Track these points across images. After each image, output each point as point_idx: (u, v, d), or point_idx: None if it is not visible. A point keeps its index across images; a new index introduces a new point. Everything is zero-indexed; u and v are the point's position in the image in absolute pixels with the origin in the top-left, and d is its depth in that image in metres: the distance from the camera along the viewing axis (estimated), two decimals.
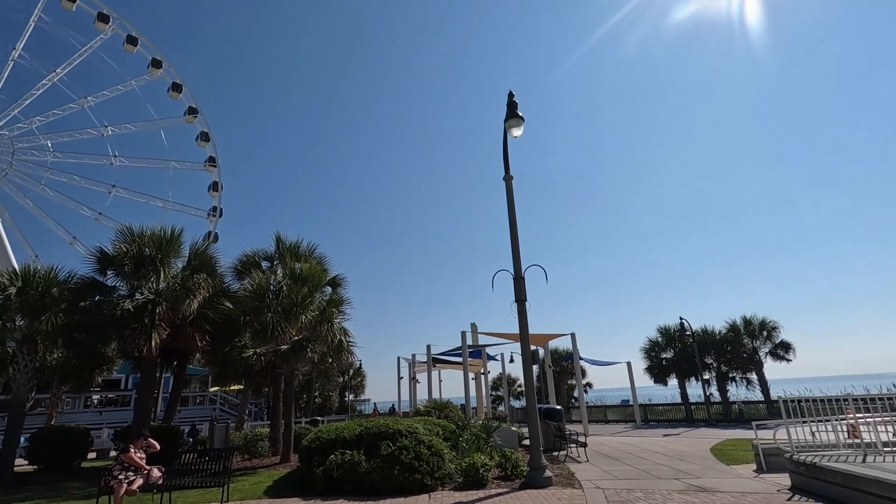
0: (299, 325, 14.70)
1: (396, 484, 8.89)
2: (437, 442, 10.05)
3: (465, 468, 9.59)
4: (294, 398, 15.71)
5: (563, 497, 8.27)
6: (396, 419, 10.80)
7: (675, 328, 31.51)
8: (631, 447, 15.82)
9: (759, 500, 7.72)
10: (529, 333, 25.07)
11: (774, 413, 26.76)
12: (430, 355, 29.29)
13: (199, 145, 46.56)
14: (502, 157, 11.61)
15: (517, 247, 10.97)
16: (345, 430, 10.29)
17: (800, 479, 8.46)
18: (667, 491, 8.50)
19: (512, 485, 9.49)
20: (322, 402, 42.84)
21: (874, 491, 6.72)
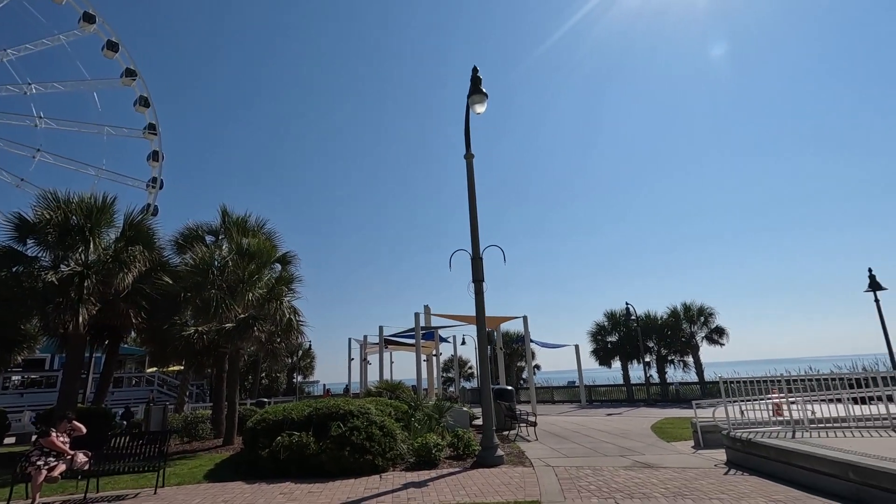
0: (246, 302, 13.99)
1: (347, 465, 8.65)
2: (390, 422, 9.87)
3: (417, 448, 9.47)
4: (239, 379, 15.04)
5: (514, 475, 8.31)
6: (348, 400, 10.51)
7: (620, 313, 32.75)
8: (577, 426, 16.31)
9: (698, 474, 8.06)
10: None
11: (708, 393, 28.52)
12: (382, 336, 29.03)
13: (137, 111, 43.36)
14: (464, 135, 11.36)
15: (476, 227, 10.82)
16: (293, 410, 9.90)
17: (735, 454, 8.92)
18: (614, 468, 8.73)
19: (464, 464, 9.48)
20: (269, 384, 41.73)
21: (803, 464, 7.14)
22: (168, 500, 7.46)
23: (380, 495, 7.14)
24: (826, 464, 6.67)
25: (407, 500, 6.86)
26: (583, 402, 29.19)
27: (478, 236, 10.78)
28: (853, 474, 6.20)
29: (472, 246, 10.78)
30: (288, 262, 17.44)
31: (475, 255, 10.68)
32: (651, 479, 7.66)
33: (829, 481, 6.59)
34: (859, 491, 6.09)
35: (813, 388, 9.96)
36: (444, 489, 7.42)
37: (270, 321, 14.28)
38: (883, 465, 5.94)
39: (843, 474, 6.36)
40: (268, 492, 7.64)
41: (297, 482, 8.21)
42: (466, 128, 11.21)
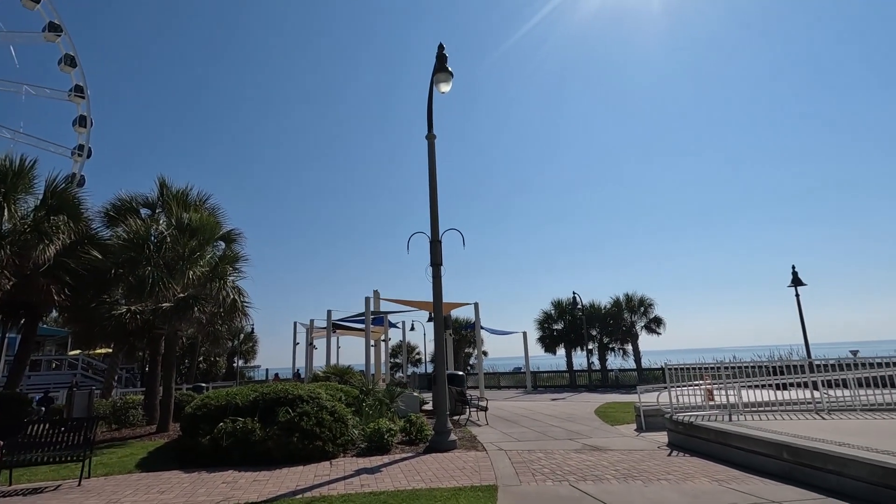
0: (186, 281, 13.08)
1: (295, 451, 8.28)
2: (341, 408, 9.56)
3: (369, 434, 9.24)
4: (175, 362, 14.11)
5: (468, 459, 8.28)
6: (297, 384, 10.09)
7: (567, 302, 33.73)
8: (525, 411, 16.64)
9: (644, 456, 8.36)
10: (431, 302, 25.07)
11: (644, 379, 30.05)
12: (330, 320, 28.40)
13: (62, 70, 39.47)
14: (426, 115, 11.04)
15: (436, 209, 10.59)
16: (237, 395, 9.37)
17: (677, 437, 9.34)
18: (565, 451, 8.90)
19: (417, 449, 9.35)
20: (207, 368, 39.83)
21: (741, 445, 7.55)
22: (95, 492, 6.82)
23: (332, 482, 6.87)
24: (762, 445, 7.08)
25: (360, 486, 6.64)
26: (528, 387, 29.94)
27: (437, 219, 10.57)
28: (787, 454, 6.60)
29: (431, 229, 10.56)
30: (233, 241, 16.49)
31: (434, 238, 10.47)
32: (601, 462, 7.85)
33: (765, 461, 6.99)
34: (792, 470, 6.50)
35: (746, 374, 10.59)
36: (399, 475, 7.26)
37: (213, 302, 13.46)
38: (813, 446, 6.35)
39: (778, 454, 6.76)
40: (209, 481, 7.16)
41: (242, 470, 7.77)
42: (429, 107, 10.90)
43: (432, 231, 10.53)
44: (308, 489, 6.52)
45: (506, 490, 6.25)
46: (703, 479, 6.61)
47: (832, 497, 5.62)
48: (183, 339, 16.02)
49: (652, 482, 6.50)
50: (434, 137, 10.95)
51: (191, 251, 13.33)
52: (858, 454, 5.75)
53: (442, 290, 10.31)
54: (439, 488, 6.36)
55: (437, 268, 10.35)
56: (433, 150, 10.88)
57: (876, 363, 9.68)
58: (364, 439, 9.36)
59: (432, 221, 10.56)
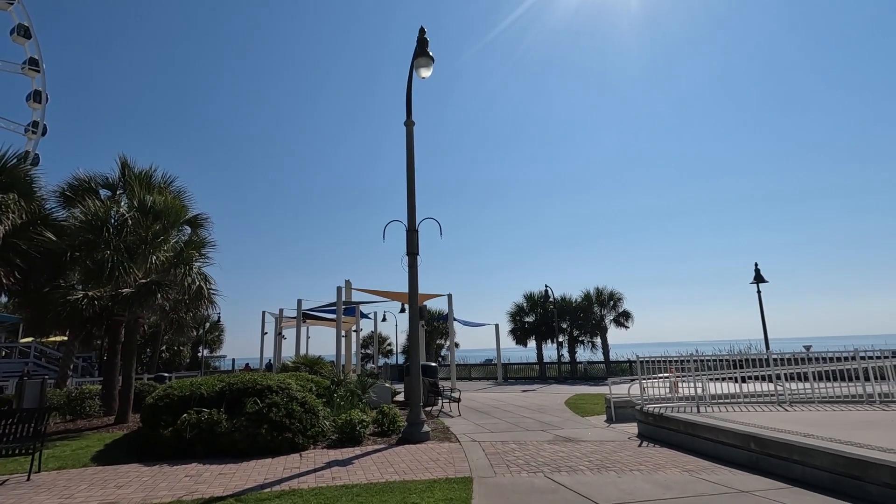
0: (148, 266, 12.49)
1: (264, 444, 8.01)
2: (311, 398, 9.32)
3: (341, 425, 9.04)
4: (136, 351, 13.50)
5: (442, 451, 8.20)
6: (266, 374, 9.78)
7: (538, 295, 34.07)
8: (497, 402, 16.72)
9: (615, 447, 8.46)
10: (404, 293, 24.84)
11: (612, 372, 30.72)
12: (300, 310, 27.87)
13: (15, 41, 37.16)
14: (405, 101, 10.79)
15: (413, 198, 10.40)
16: (202, 385, 9.01)
17: (647, 428, 9.50)
18: (538, 442, 8.92)
19: (389, 440, 9.21)
20: (170, 358, 38.57)
21: (709, 436, 7.71)
22: (46, 487, 6.41)
23: (302, 475, 6.66)
24: (730, 435, 7.24)
25: (332, 479, 6.45)
26: (499, 379, 30.19)
27: (414, 208, 10.37)
28: (754, 445, 6.76)
29: (408, 218, 10.36)
30: (199, 225, 15.87)
31: (411, 227, 10.28)
32: (574, 453, 7.89)
33: (733, 451, 7.15)
34: (759, 460, 6.66)
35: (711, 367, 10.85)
36: (371, 467, 7.11)
37: (177, 288, 12.92)
38: (779, 436, 6.52)
39: (745, 445, 6.92)
40: (171, 474, 6.84)
41: (206, 463, 7.46)
42: (408, 93, 10.65)
43: (409, 220, 10.33)
44: (276, 483, 6.29)
45: (481, 482, 6.19)
46: (674, 470, 6.70)
47: (797, 486, 5.77)
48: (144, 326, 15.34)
49: (625, 473, 6.55)
50: (413, 124, 10.72)
51: (154, 235, 12.72)
52: (822, 444, 5.93)
53: (418, 279, 10.14)
54: (413, 481, 6.24)
55: (414, 257, 10.18)
56: (412, 137, 10.65)
57: (832, 357, 10.05)
58: (335, 431, 9.16)
59: (409, 210, 10.36)
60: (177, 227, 14.43)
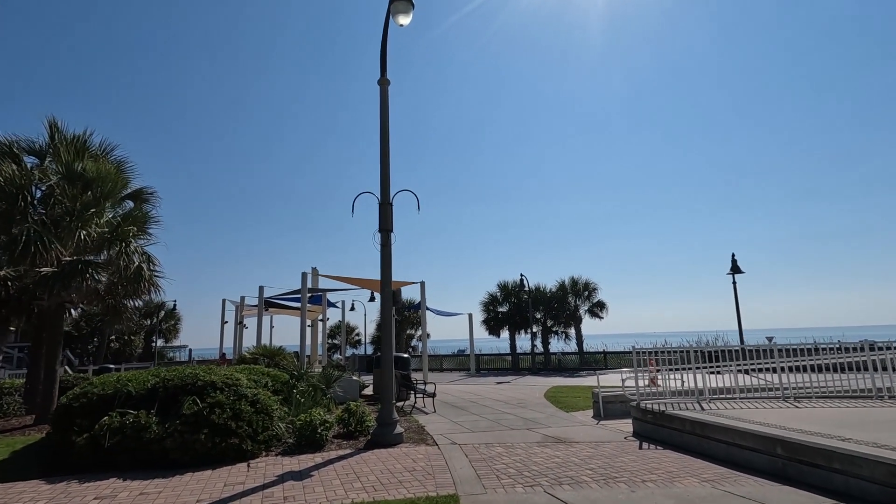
0: (76, 242, 10.74)
1: (203, 452, 6.65)
2: (265, 396, 7.96)
3: (299, 427, 7.74)
4: (62, 340, 11.71)
5: (418, 457, 7.03)
6: (211, 368, 8.35)
7: (513, 284, 33.27)
8: (473, 395, 15.69)
9: (613, 449, 7.49)
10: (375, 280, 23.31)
11: (585, 363, 30.28)
12: (262, 297, 26.13)
13: None
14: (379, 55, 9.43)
15: (387, 167, 9.09)
16: (130, 381, 7.53)
17: (644, 426, 8.58)
18: (526, 444, 7.87)
19: (357, 444, 7.99)
20: (120, 348, 35.99)
21: (722, 438, 6.80)
22: None
23: (245, 494, 5.36)
24: (749, 438, 6.34)
25: (283, 498, 5.19)
26: (472, 370, 29.28)
27: (388, 178, 9.08)
28: (781, 449, 5.87)
29: (381, 190, 9.06)
30: (144, 200, 14.05)
31: (384, 200, 8.98)
32: (571, 458, 6.86)
33: (752, 456, 6.26)
34: (787, 467, 5.77)
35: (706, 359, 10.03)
36: (334, 480, 5.87)
37: (112, 269, 11.24)
38: (813, 441, 5.64)
39: (769, 449, 6.03)
40: (76, 495, 5.42)
41: (127, 479, 6.05)
42: (383, 44, 9.29)
43: (382, 192, 9.03)
44: None
45: (469, 500, 5.05)
46: (691, 480, 5.74)
47: (843, 501, 4.88)
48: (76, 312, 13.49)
49: (637, 485, 5.54)
50: (388, 83, 9.38)
51: (83, 206, 10.97)
52: (870, 452, 5.05)
53: (391, 259, 8.89)
54: (386, 501, 5.05)
55: (387, 234, 8.90)
56: (386, 97, 9.32)
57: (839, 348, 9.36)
58: (293, 434, 7.86)
59: (382, 181, 9.06)
60: (114, 200, 12.67)
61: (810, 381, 9.22)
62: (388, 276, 8.78)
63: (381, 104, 9.27)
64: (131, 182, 13.70)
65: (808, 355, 9.55)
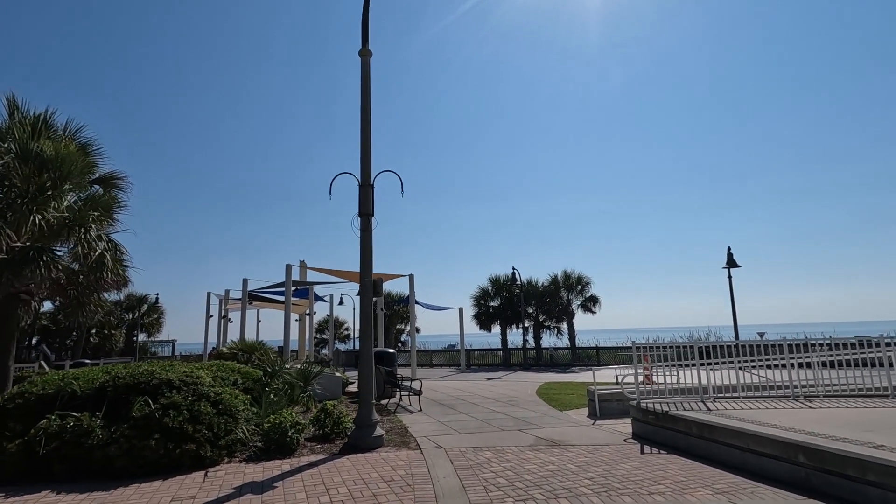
0: (31, 227, 9.87)
1: (154, 460, 5.89)
2: (230, 395, 7.20)
3: (266, 430, 7.01)
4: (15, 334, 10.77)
5: (398, 464, 6.32)
6: (172, 365, 7.59)
7: (504, 278, 32.60)
8: (462, 392, 15.02)
9: (613, 454, 6.83)
10: None
11: (578, 358, 29.74)
12: (245, 290, 25.34)
13: None
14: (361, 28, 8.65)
15: (368, 145, 8.32)
16: (77, 380, 6.74)
17: (645, 427, 7.94)
18: (518, 448, 7.19)
19: (331, 447, 7.27)
20: (100, 342, 34.89)
21: (735, 443, 6.16)
22: None
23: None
24: (767, 443, 5.69)
25: None
26: (462, 366, 28.65)
27: (369, 158, 8.31)
28: (804, 457, 5.23)
29: (361, 170, 8.29)
30: (113, 186, 13.18)
31: (365, 181, 8.22)
32: (567, 465, 6.19)
33: (770, 464, 5.62)
34: (811, 477, 5.13)
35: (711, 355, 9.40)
36: (299, 493, 5.15)
37: (72, 256, 10.40)
38: (842, 448, 4.99)
39: (790, 457, 5.39)
40: None
41: (63, 491, 5.29)
42: (365, 13, 8.50)
43: (363, 172, 8.26)
44: None
45: None
46: (704, 492, 5.09)
47: None
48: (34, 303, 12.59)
49: (643, 498, 4.87)
50: (369, 54, 8.59)
51: (39, 189, 10.10)
52: None
53: (372, 247, 8.13)
54: None
55: (368, 219, 8.14)
56: (367, 70, 8.53)
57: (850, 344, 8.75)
58: (262, 437, 7.12)
59: (363, 161, 8.29)
60: (79, 184, 11.78)
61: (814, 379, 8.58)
62: (368, 264, 8.03)
63: (363, 77, 8.48)
64: (99, 166, 12.85)
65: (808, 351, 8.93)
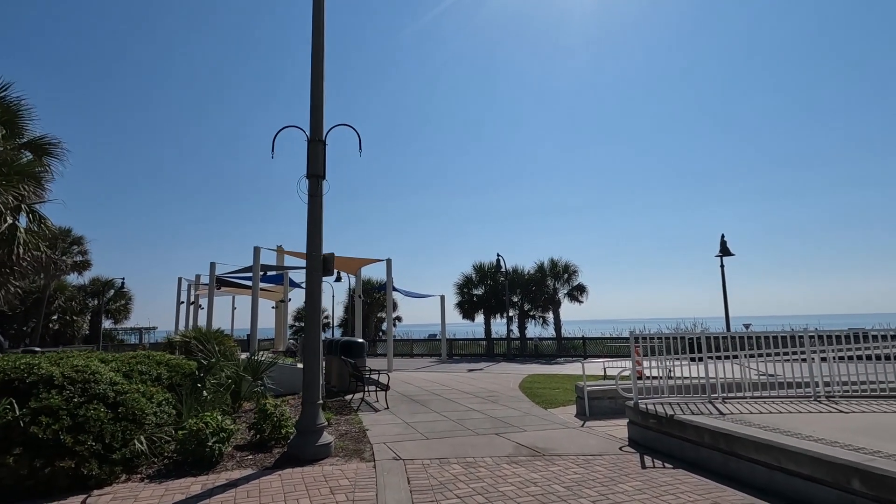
0: None
1: (13, 482, 4.48)
2: (137, 395, 5.79)
3: (181, 439, 5.63)
4: None
5: (340, 483, 5.00)
6: (64, 356, 6.12)
7: (489, 266, 31.41)
8: (438, 386, 13.75)
9: (609, 468, 5.60)
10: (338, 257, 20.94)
11: (563, 349, 28.74)
12: (213, 275, 23.74)
13: None
14: None
15: (320, 91, 6.86)
16: None
17: (644, 433, 6.73)
18: (493, 461, 5.91)
19: (265, 459, 5.93)
20: (61, 329, 32.95)
21: (760, 458, 4.95)
22: None
23: None
24: (806, 462, 4.48)
25: None
26: (443, 356, 27.44)
27: (321, 108, 6.86)
28: (861, 484, 4.02)
29: (311, 123, 6.85)
30: (45, 153, 11.60)
31: (315, 135, 6.78)
32: (553, 486, 4.92)
33: (810, 488, 4.42)
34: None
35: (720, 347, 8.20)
36: None
37: None
38: None
39: (840, 481, 4.18)
40: None
41: None
42: None
43: (312, 126, 6.82)
44: None
45: None
46: None
47: None
48: None
49: None
50: None
51: None
52: None
53: (322, 215, 6.73)
54: None
55: (318, 182, 6.72)
56: None
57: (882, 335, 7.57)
58: (176, 447, 5.74)
59: (313, 111, 6.84)
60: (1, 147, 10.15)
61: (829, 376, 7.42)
62: (317, 235, 6.63)
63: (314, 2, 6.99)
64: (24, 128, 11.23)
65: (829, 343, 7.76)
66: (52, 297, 31.74)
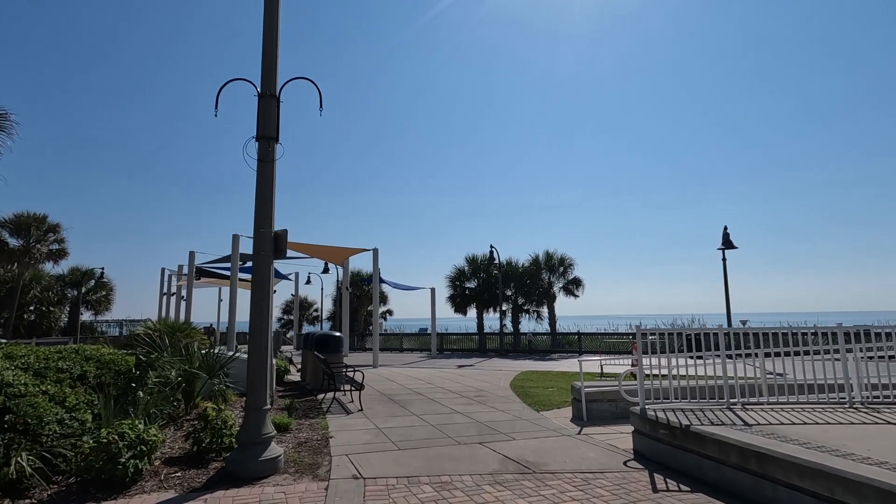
0: None
1: None
2: (36, 399, 4.71)
3: (87, 453, 4.57)
4: None
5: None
6: None
7: (482, 258, 30.38)
8: (422, 383, 12.74)
9: (612, 490, 4.60)
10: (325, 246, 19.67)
11: (558, 344, 27.80)
12: (192, 264, 22.72)
13: None
14: None
15: (275, 39, 5.76)
16: None
17: (652, 445, 5.73)
18: (473, 480, 4.88)
19: (196, 476, 4.88)
20: (36, 320, 31.67)
21: (804, 484, 3.96)
22: None
23: None
24: (873, 497, 3.48)
25: None
26: (433, 351, 26.44)
27: (276, 59, 5.76)
28: None
29: (262, 74, 5.75)
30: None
31: (266, 89, 5.69)
32: None
33: None
34: None
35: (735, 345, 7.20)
36: None
37: None
38: None
39: None
40: None
41: None
42: None
43: (264, 78, 5.73)
44: None
45: None
46: None
47: None
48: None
49: None
50: None
51: None
52: None
53: (275, 184, 5.65)
54: None
55: (269, 144, 5.63)
56: None
57: None
58: (81, 465, 4.67)
59: (265, 61, 5.74)
60: None
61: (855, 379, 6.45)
62: (266, 207, 5.55)
63: None
64: None
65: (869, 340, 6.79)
66: (27, 287, 30.46)
